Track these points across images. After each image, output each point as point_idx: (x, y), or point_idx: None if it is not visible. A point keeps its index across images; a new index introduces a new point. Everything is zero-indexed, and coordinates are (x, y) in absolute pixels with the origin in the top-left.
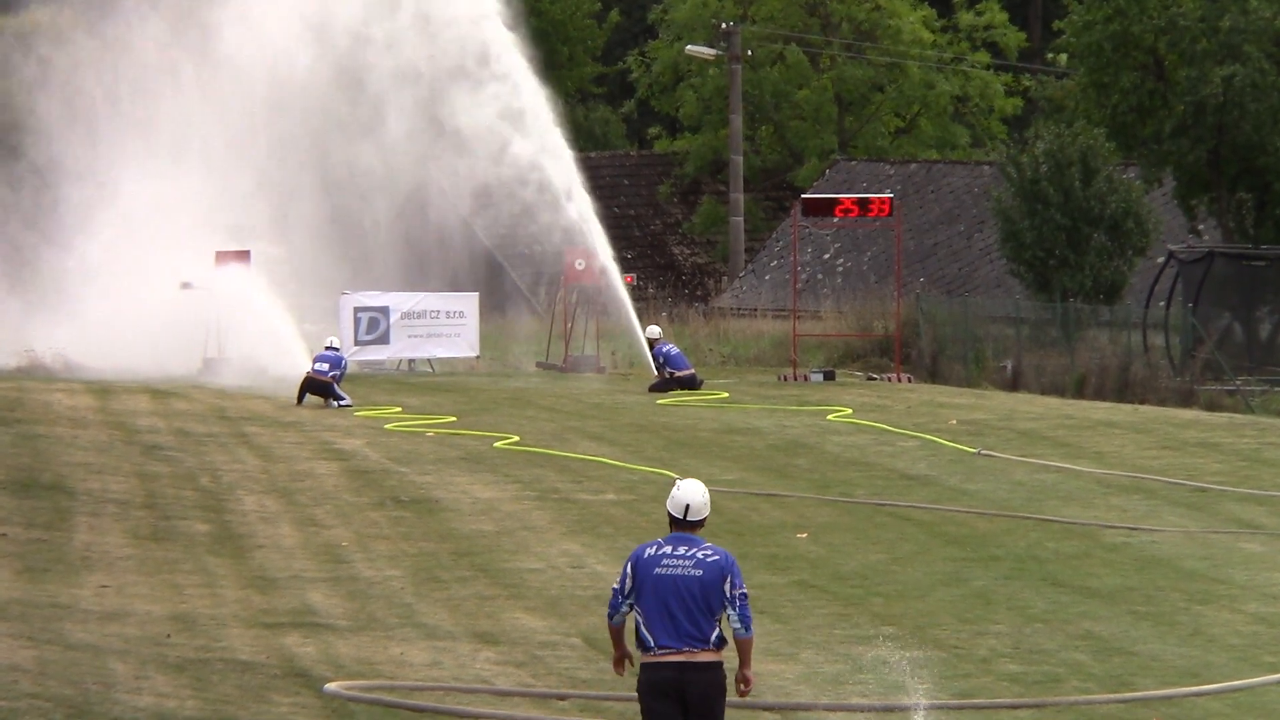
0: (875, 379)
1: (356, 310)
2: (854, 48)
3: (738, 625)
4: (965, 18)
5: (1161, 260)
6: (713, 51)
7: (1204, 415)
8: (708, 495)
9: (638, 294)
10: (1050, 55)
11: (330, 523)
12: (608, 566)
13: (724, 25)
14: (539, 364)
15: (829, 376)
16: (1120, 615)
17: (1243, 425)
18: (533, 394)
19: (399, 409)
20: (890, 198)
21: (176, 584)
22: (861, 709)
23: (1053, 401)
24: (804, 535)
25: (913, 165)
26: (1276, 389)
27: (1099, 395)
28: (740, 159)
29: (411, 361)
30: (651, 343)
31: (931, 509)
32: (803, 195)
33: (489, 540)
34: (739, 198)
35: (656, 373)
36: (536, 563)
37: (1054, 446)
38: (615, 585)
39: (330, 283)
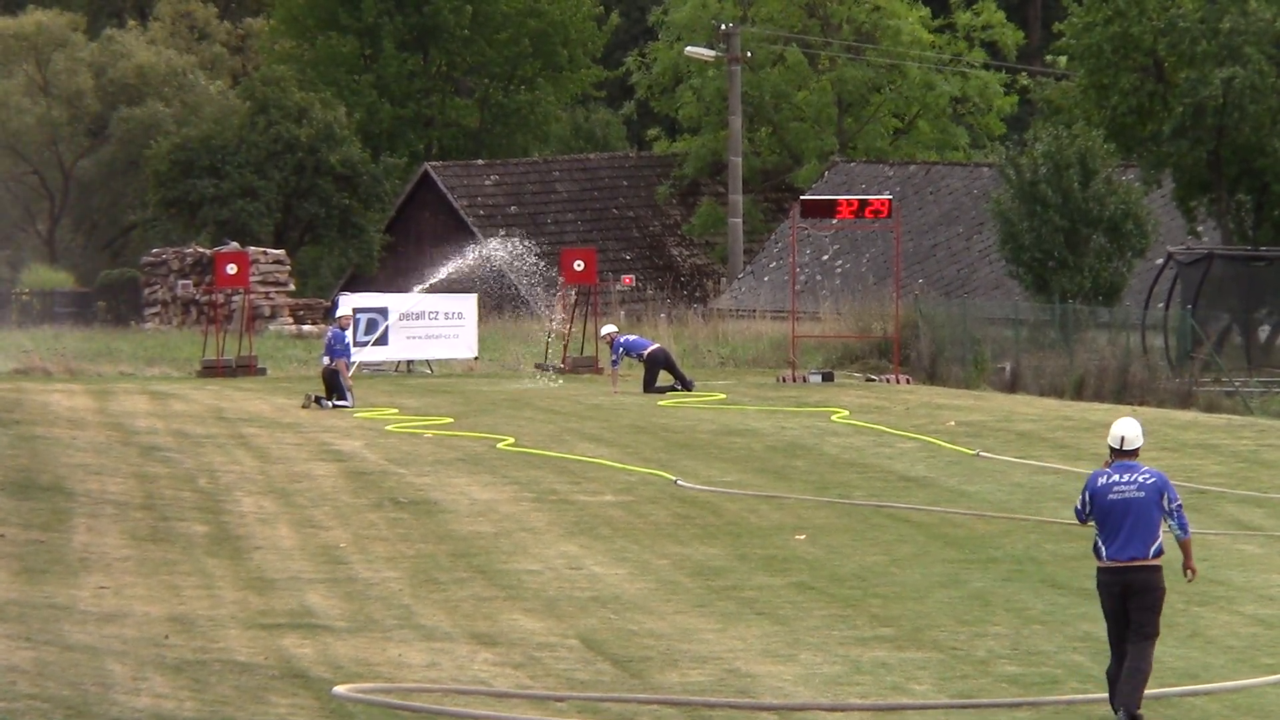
0: (874, 380)
1: (355, 311)
2: (853, 49)
3: (1178, 531)
4: (963, 17)
5: (1160, 262)
6: (712, 53)
7: (1202, 417)
8: (1140, 428)
9: (637, 295)
10: (1050, 57)
11: (328, 524)
12: (606, 568)
13: (724, 27)
14: (538, 365)
15: (828, 378)
16: None
17: (1241, 427)
18: (531, 395)
19: (396, 410)
20: (889, 199)
21: (174, 585)
22: (861, 709)
23: (1051, 403)
24: (802, 537)
25: (912, 167)
26: (1275, 390)
27: (1098, 397)
28: (739, 160)
29: (410, 363)
30: (610, 340)
31: (930, 510)
32: (802, 197)
33: (487, 541)
34: (738, 199)
35: (612, 369)
36: (534, 564)
37: (1053, 448)
38: (1076, 505)
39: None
